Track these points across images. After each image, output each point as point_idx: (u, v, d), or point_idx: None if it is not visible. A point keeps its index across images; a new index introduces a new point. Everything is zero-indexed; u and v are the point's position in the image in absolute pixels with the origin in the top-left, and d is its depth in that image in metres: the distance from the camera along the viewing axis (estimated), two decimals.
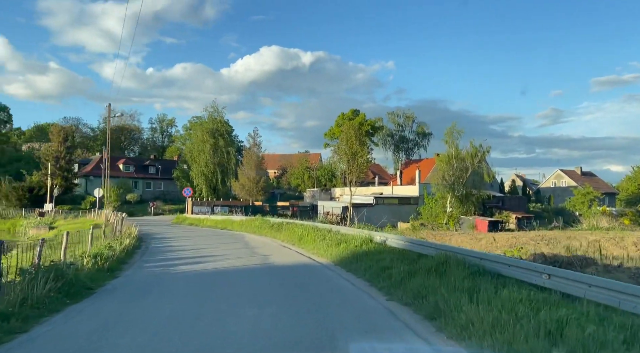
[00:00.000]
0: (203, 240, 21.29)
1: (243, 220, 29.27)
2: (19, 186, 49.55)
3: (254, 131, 55.52)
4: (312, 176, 79.26)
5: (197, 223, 35.56)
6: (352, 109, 68.22)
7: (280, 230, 22.65)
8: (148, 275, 11.58)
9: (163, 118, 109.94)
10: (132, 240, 18.72)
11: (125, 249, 15.21)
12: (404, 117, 73.36)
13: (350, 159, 42.13)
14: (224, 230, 29.52)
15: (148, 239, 22.14)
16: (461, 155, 49.61)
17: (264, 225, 25.42)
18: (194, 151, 60.19)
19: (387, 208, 51.51)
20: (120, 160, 69.67)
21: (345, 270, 12.43)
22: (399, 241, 14.17)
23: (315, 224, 21.82)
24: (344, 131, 42.73)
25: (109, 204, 54.19)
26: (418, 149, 74.65)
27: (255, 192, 54.03)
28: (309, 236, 18.58)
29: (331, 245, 15.76)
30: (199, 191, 59.26)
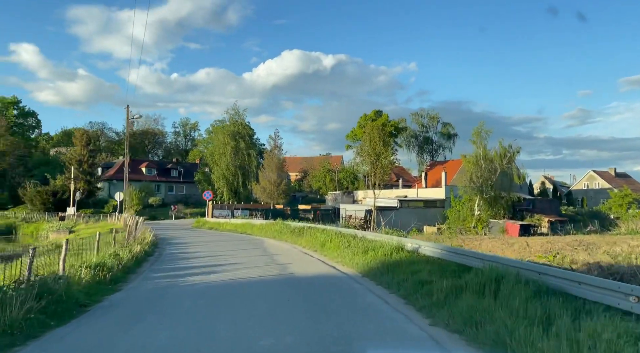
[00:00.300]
0: (220, 246, 20.01)
1: (263, 224, 27.98)
2: (43, 190, 49.54)
3: (274, 133, 54.47)
4: (333, 179, 77.79)
5: (216, 227, 34.45)
6: (375, 110, 66.49)
7: (301, 234, 21.22)
8: (153, 289, 10.25)
9: (186, 122, 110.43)
10: (145, 246, 17.57)
11: (134, 257, 14.00)
12: (428, 118, 71.24)
13: (374, 160, 40.49)
14: (243, 234, 28.28)
15: (163, 244, 21.01)
16: (489, 156, 47.38)
17: (284, 230, 24.04)
18: (215, 154, 59.45)
19: (412, 211, 49.57)
20: (143, 164, 69.57)
21: (374, 282, 10.88)
22: (434, 249, 12.53)
23: (338, 229, 20.30)
24: (367, 131, 41.11)
25: (131, 207, 53.86)
26: (443, 151, 72.41)
27: (276, 195, 52.84)
28: (332, 242, 17.07)
29: (357, 252, 14.22)
30: (220, 194, 58.44)
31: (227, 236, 26.22)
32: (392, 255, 13.17)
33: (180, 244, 21.11)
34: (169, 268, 13.47)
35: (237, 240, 23.74)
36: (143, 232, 22.48)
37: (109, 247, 14.88)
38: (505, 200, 47.96)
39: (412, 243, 13.96)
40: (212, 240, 23.65)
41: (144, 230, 24.22)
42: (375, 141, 40.08)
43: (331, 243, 17.11)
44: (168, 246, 19.92)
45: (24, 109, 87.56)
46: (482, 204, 47.19)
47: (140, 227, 23.85)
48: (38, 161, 78.36)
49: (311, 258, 15.52)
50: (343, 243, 16.35)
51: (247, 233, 28.24)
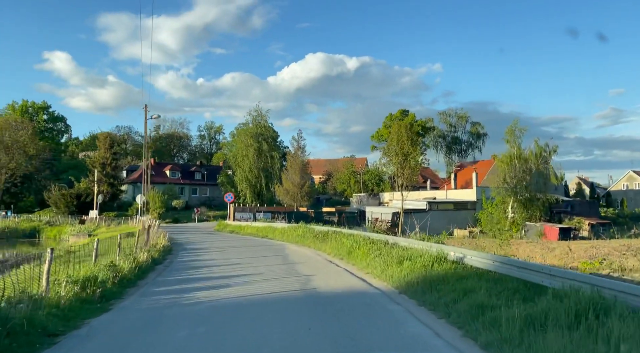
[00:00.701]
0: (238, 253, 18.24)
1: (285, 228, 26.15)
2: (67, 193, 49.11)
3: (297, 134, 52.76)
4: (358, 181, 75.63)
5: (237, 231, 32.85)
6: (401, 110, 64.15)
7: (325, 240, 19.26)
8: (147, 309, 8.45)
9: (211, 126, 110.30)
10: (155, 253, 15.93)
11: (138, 267, 12.31)
12: (456, 117, 68.37)
13: (402, 160, 38.23)
14: (264, 238, 26.52)
15: (177, 250, 19.40)
16: (524, 155, 44.47)
17: (307, 234, 22.13)
18: (238, 156, 58.15)
19: (442, 214, 47.01)
20: (167, 166, 68.98)
21: (415, 302, 8.83)
22: (484, 260, 10.39)
23: (366, 234, 18.26)
24: (394, 130, 38.90)
25: (154, 210, 52.99)
26: (472, 151, 69.35)
27: (299, 197, 51.07)
28: (360, 250, 15.06)
29: (391, 262, 12.16)
30: (243, 197, 57.08)
31: (246, 241, 24.49)
32: (432, 266, 11.09)
33: (196, 250, 19.45)
34: (175, 280, 11.70)
35: (257, 245, 21.96)
36: (157, 237, 20.96)
37: (110, 255, 13.32)
38: (542, 202, 44.94)
39: (456, 252, 11.83)
40: (231, 245, 21.94)
41: (160, 234, 22.75)
42: (403, 140, 37.85)
43: (359, 250, 15.10)
44: (182, 253, 18.26)
45: (54, 114, 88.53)
46: (516, 207, 44.31)
47: (154, 231, 22.36)
48: (67, 164, 78.99)
49: (337, 268, 13.54)
50: (373, 250, 14.32)
51: (268, 237, 26.47)
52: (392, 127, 38.96)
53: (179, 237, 27.68)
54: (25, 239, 40.58)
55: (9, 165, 50.77)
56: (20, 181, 52.16)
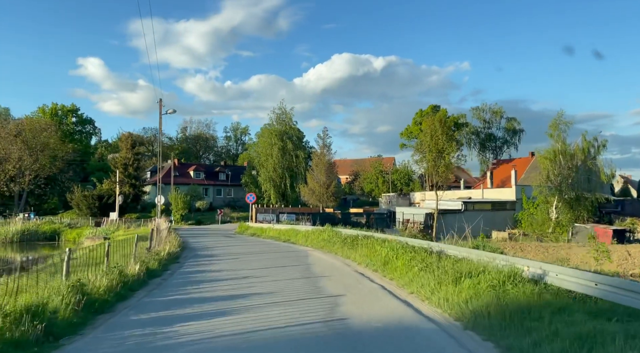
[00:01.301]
0: (253, 261, 15.52)
1: (309, 231, 23.36)
2: (89, 194, 47.79)
3: (323, 132, 49.91)
4: (386, 181, 72.32)
5: (259, 234, 30.29)
6: (432, 105, 60.52)
7: (355, 246, 16.36)
8: None
9: (237, 127, 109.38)
10: (156, 263, 13.41)
11: (121, 284, 9.71)
12: (490, 112, 64.16)
13: (436, 157, 34.96)
14: (287, 242, 23.79)
15: (186, 258, 16.88)
16: (570, 151, 40.43)
17: (334, 239, 19.26)
18: (262, 155, 55.84)
19: (479, 215, 43.23)
20: (191, 167, 67.40)
21: (494, 347, 5.86)
22: (580, 281, 7.33)
23: (404, 239, 15.25)
24: (428, 124, 35.61)
25: (176, 212, 51.21)
26: (508, 148, 64.95)
27: (325, 198, 48.32)
28: (399, 260, 12.09)
29: (443, 279, 9.18)
30: (267, 198, 54.72)
31: (266, 246, 21.82)
32: (504, 287, 8.06)
33: (206, 258, 16.86)
34: (164, 302, 9.03)
35: (277, 251, 19.22)
36: (167, 241, 18.53)
37: (126, 258, 10.85)
38: (590, 201, 40.77)
39: (532, 267, 8.75)
40: (247, 250, 19.30)
41: (170, 239, 20.35)
42: (437, 135, 34.60)
43: (398, 260, 12.14)
44: (189, 262, 15.69)
45: (82, 117, 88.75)
46: (560, 207, 40.36)
47: (164, 235, 19.97)
48: (95, 166, 78.74)
49: (371, 285, 10.61)
50: (416, 261, 11.36)
51: (291, 241, 23.72)
52: (425, 121, 35.66)
53: (194, 241, 25.33)
54: (45, 242, 39.21)
55: (32, 166, 49.95)
56: (44, 182, 51.30)
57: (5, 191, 49.06)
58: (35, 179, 50.40)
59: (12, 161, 48.97)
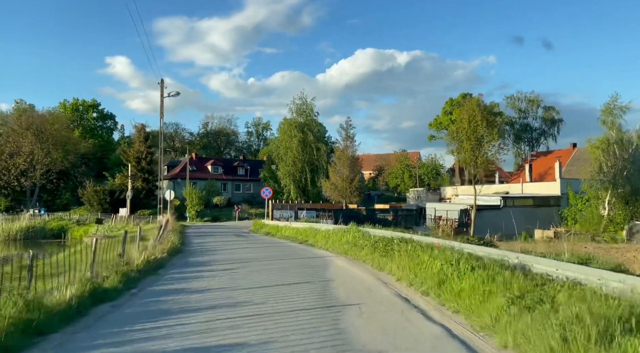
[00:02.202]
0: (255, 273, 11.51)
1: (330, 231, 19.24)
2: (101, 189, 44.88)
3: (346, 122, 45.69)
4: (413, 175, 67.61)
5: (273, 233, 26.38)
6: (463, 93, 55.46)
7: (390, 253, 12.16)
8: None
9: (258, 122, 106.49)
10: (114, 279, 9.54)
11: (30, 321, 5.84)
12: (526, 101, 58.58)
13: (474, 146, 30.35)
14: (304, 244, 19.74)
15: (174, 265, 13.07)
16: (628, 138, 35.16)
17: (361, 241, 15.10)
18: (281, 148, 51.98)
19: (519, 211, 38.42)
20: (209, 161, 64.18)
21: None
22: None
23: (460, 246, 10.99)
24: (466, 109, 30.96)
25: (191, 208, 47.96)
26: (545, 139, 59.30)
27: (349, 193, 44.09)
28: (464, 281, 7.85)
29: (572, 334, 4.93)
30: (287, 193, 50.86)
31: (278, 249, 17.81)
32: None
33: (199, 266, 12.94)
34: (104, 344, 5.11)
35: (291, 256, 15.18)
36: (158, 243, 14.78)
37: None
38: None
39: None
40: (254, 256, 15.31)
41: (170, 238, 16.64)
42: (476, 120, 29.94)
43: (461, 281, 7.90)
44: (172, 272, 11.81)
45: (103, 112, 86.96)
46: (614, 202, 35.14)
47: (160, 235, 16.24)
48: (115, 161, 76.73)
49: (431, 329, 6.39)
50: (493, 284, 7.13)
51: (309, 243, 19.65)
52: (465, 104, 30.96)
53: (198, 242, 21.60)
54: (51, 239, 36.32)
55: (44, 160, 47.47)
56: (57, 177, 48.81)
57: (16, 185, 46.69)
58: (47, 174, 47.92)
59: (23, 154, 46.58)
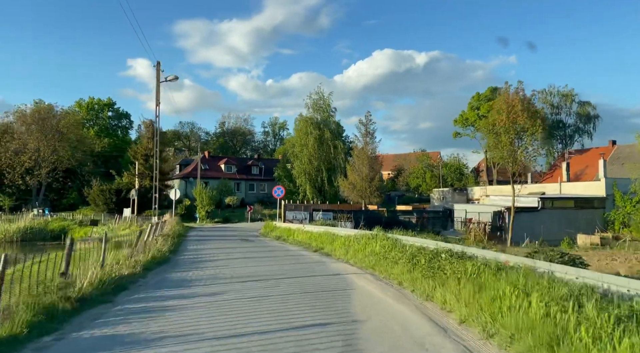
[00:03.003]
0: (249, 301, 7.95)
1: (351, 237, 15.57)
2: (106, 188, 42.08)
3: (365, 117, 41.95)
4: (435, 175, 63.42)
5: (285, 237, 22.85)
6: (491, 87, 51.10)
7: (437, 274, 8.47)
8: None
9: (275, 122, 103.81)
10: (22, 318, 6.10)
11: None
12: (559, 95, 53.88)
13: (514, 139, 26.36)
14: (318, 252, 16.13)
15: (151, 281, 9.69)
16: None
17: (392, 253, 11.44)
18: (297, 146, 48.50)
19: (558, 214, 34.15)
20: (222, 160, 61.17)
21: None
22: None
23: (549, 267, 7.26)
24: (504, 98, 26.93)
25: (201, 208, 44.88)
26: (580, 137, 54.46)
27: (368, 193, 40.35)
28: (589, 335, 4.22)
29: None
30: (302, 193, 47.37)
31: (287, 260, 14.20)
32: None
33: (177, 287, 9.43)
34: None
35: (300, 274, 11.55)
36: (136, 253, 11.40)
37: None
38: None
39: None
40: (255, 272, 11.76)
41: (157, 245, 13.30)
42: (516, 110, 25.92)
43: (593, 344, 4.23)
44: (141, 295, 8.34)
45: (118, 110, 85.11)
46: None
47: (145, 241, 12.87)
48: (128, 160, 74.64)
49: None
50: None
51: (324, 251, 16.01)
52: (502, 93, 26.88)
53: (195, 248, 18.25)
54: (51, 241, 33.56)
55: (50, 158, 45.03)
56: (63, 176, 46.34)
57: (21, 184, 44.30)
58: (53, 172, 45.47)
59: (28, 151, 44.22)
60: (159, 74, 23.02)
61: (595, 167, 48.19)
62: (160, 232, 22.31)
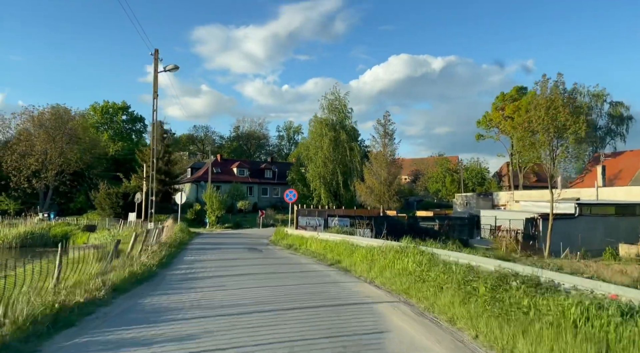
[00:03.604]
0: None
1: (374, 249, 12.81)
2: (113, 192, 40.06)
3: (384, 117, 39.22)
4: (455, 180, 60.16)
5: (297, 246, 20.19)
6: (517, 86, 47.86)
7: (514, 312, 5.72)
8: None
9: (290, 126, 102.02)
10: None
11: None
12: (589, 96, 50.27)
13: (554, 137, 23.36)
14: (335, 267, 13.40)
15: (113, 312, 7.10)
16: None
17: (432, 273, 8.69)
18: (311, 148, 45.96)
19: (598, 221, 30.81)
20: (234, 163, 58.92)
21: None
22: None
23: None
24: (542, 92, 23.90)
25: (211, 213, 42.55)
26: (612, 139, 50.69)
27: (387, 198, 37.56)
28: None
29: None
30: (316, 197, 44.73)
31: (297, 279, 11.45)
32: None
33: (141, 323, 6.85)
34: None
35: (309, 302, 8.78)
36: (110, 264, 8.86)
37: None
38: None
39: None
40: (255, 296, 9.07)
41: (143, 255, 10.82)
42: (557, 106, 22.94)
43: None
44: (84, 337, 5.78)
45: (133, 114, 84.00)
46: None
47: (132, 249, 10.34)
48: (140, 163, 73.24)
49: None
50: None
51: (343, 266, 13.27)
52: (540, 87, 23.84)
53: (192, 259, 15.73)
54: (52, 248, 31.49)
55: (57, 161, 43.29)
56: (70, 179, 44.56)
57: (27, 187, 42.59)
58: (60, 175, 43.72)
59: (35, 154, 42.55)
60: (157, 63, 20.80)
61: (631, 171, 44.48)
62: (157, 240, 19.91)
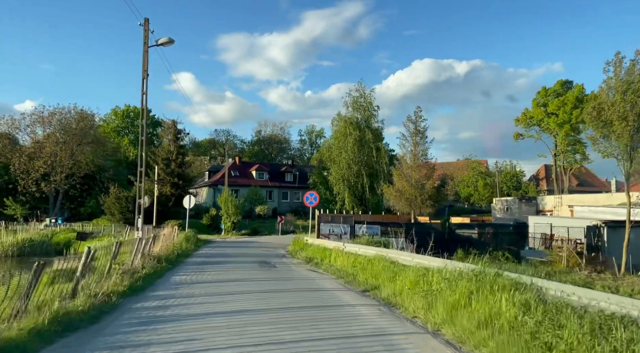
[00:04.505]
0: None
1: (431, 271, 8.79)
2: (123, 196, 37.06)
3: (415, 113, 35.06)
4: (488, 184, 55.16)
5: (318, 260, 16.24)
6: (561, 80, 42.86)
7: None
8: None
9: (312, 130, 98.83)
10: None
11: None
12: (632, 91, 44.62)
13: (634, 128, 18.85)
14: (371, 297, 9.36)
15: None
16: None
17: (546, 325, 4.63)
18: (334, 149, 42.02)
19: None
20: (253, 166, 55.52)
21: None
22: None
23: None
24: (616, 73, 19.41)
25: (227, 218, 39.10)
26: None
27: (419, 202, 33.31)
28: None
29: None
30: (340, 201, 40.68)
31: (312, 318, 7.56)
32: None
33: None
34: None
35: None
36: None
37: None
38: None
39: None
40: None
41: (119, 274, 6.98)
42: (637, 88, 18.45)
43: None
44: None
45: (154, 118, 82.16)
46: None
47: None
48: None
49: None
50: None
51: (383, 297, 9.20)
52: (615, 66, 19.36)
53: (183, 280, 12.04)
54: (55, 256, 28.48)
55: (67, 163, 40.72)
56: (80, 182, 41.93)
57: (35, 191, 40.08)
58: (70, 179, 41.13)
59: (44, 156, 40.09)
60: (148, 35, 17.34)
61: None
62: (149, 251, 16.32)
